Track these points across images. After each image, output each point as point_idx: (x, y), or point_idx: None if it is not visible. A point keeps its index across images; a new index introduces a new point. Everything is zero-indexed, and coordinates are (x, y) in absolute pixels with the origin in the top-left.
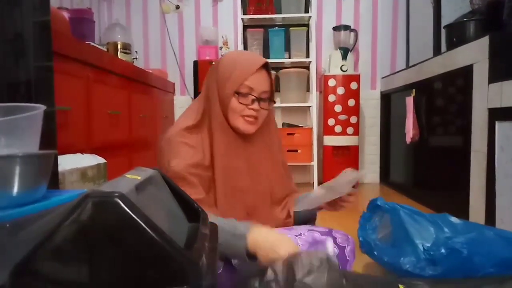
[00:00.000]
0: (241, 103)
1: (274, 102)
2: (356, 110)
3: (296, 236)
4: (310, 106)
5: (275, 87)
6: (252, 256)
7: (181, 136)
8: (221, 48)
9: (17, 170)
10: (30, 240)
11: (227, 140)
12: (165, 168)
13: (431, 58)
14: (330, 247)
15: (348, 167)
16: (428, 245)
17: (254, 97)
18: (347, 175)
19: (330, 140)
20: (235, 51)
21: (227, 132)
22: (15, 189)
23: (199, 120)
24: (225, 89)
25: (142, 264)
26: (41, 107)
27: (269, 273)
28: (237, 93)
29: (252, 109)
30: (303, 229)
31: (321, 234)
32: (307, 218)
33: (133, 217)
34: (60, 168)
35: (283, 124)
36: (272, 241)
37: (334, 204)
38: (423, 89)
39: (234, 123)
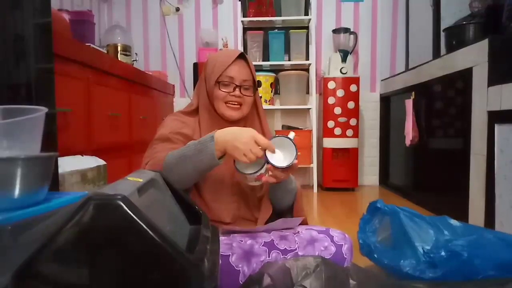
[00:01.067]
0: (223, 91)
1: (257, 89)
2: (355, 113)
3: (294, 234)
4: (310, 108)
5: (255, 76)
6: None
7: (175, 115)
8: (221, 50)
9: (19, 173)
10: (32, 242)
11: (213, 125)
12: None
13: (431, 60)
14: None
15: (347, 169)
16: (428, 247)
17: (235, 85)
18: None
19: (330, 142)
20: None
21: (213, 118)
22: (17, 192)
23: (193, 110)
24: (210, 81)
25: (144, 267)
26: (43, 110)
27: (266, 279)
28: (219, 82)
29: (234, 95)
30: (301, 227)
31: (319, 233)
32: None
33: (135, 220)
34: (60, 170)
35: (283, 126)
36: (234, 131)
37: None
38: (423, 91)
39: (219, 109)
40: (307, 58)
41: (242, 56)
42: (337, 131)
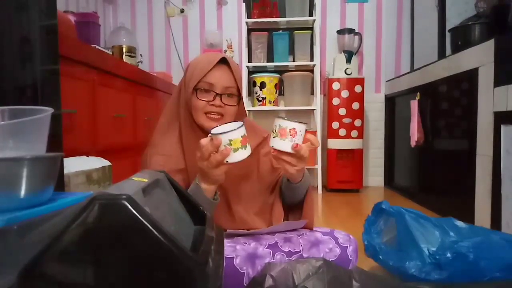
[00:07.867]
0: (201, 99)
1: (241, 98)
2: (360, 114)
3: (299, 236)
4: (314, 109)
5: (240, 82)
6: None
7: (152, 147)
8: (225, 51)
9: (24, 173)
10: (38, 242)
11: (195, 140)
12: None
13: (436, 61)
14: None
15: (352, 170)
16: (434, 249)
17: (215, 93)
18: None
19: (334, 144)
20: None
21: (195, 131)
22: (23, 192)
23: (169, 122)
24: (188, 88)
25: (149, 267)
26: (49, 110)
27: (269, 281)
28: (196, 89)
29: (214, 105)
30: (306, 229)
31: (323, 235)
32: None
33: (140, 220)
34: (65, 171)
35: None
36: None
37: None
38: (428, 92)
39: (198, 120)
40: (312, 59)
41: (224, 61)
42: (342, 132)
